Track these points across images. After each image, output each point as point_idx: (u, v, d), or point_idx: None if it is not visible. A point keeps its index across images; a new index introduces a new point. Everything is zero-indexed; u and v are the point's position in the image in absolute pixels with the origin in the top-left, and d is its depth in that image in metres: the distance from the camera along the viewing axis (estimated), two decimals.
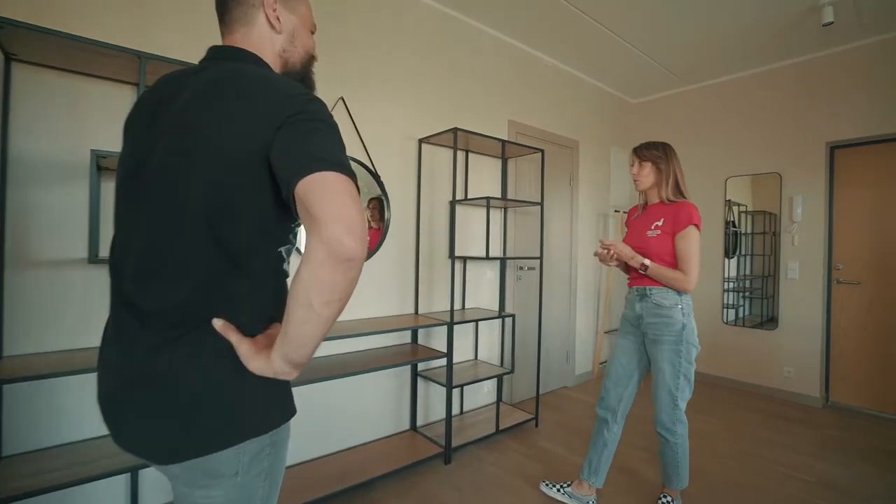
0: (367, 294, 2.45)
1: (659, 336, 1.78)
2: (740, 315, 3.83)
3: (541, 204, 2.85)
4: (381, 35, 2.49)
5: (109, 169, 1.59)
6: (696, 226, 1.74)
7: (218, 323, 0.67)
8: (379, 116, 2.49)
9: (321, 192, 0.60)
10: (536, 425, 2.88)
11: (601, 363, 4.00)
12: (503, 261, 3.02)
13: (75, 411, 1.61)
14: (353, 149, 2.38)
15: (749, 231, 3.80)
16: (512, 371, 2.73)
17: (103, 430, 1.51)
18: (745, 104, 3.66)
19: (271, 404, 0.73)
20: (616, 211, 3.98)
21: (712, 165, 3.84)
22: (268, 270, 0.73)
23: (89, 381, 1.59)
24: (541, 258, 2.88)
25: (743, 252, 3.83)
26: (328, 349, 2.25)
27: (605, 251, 1.84)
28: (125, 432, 0.72)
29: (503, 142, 2.66)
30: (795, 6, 2.68)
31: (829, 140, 3.28)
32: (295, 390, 0.83)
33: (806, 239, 3.38)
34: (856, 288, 3.24)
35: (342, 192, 0.61)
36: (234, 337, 0.67)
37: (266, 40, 0.81)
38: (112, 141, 1.64)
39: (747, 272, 3.82)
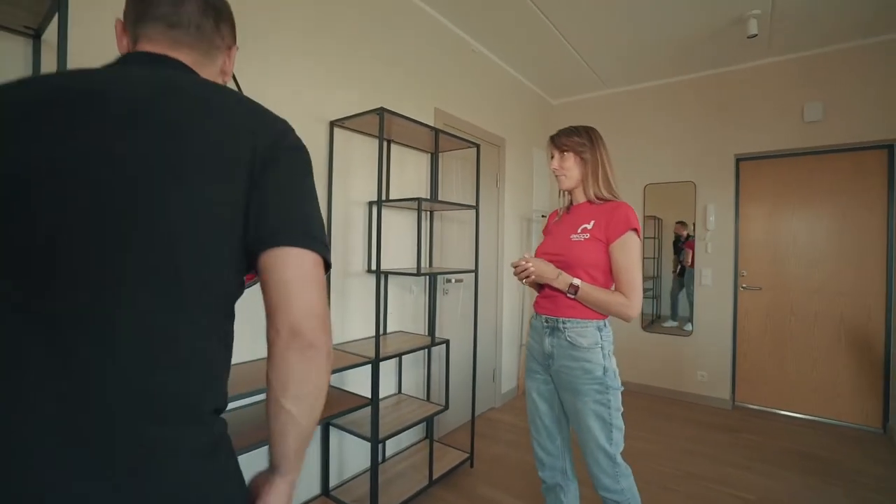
0: (258, 326, 1.80)
1: (577, 385, 1.36)
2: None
3: (476, 207, 2.44)
4: None
5: None
6: (637, 231, 1.35)
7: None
8: (277, 87, 1.86)
9: (290, 277, 0.54)
10: (472, 465, 2.47)
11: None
12: (433, 276, 2.56)
13: None
14: None
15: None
16: (446, 407, 2.27)
17: None
18: (665, 111, 3.69)
19: None
20: (543, 216, 3.77)
21: (632, 172, 3.82)
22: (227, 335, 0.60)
23: None
24: (476, 271, 2.47)
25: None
26: None
27: (522, 267, 1.37)
28: None
29: (436, 131, 2.20)
30: (723, 16, 2.66)
31: (737, 152, 3.41)
32: None
33: (717, 247, 3.48)
34: (757, 293, 3.42)
35: (310, 280, 0.55)
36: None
37: None
38: None
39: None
